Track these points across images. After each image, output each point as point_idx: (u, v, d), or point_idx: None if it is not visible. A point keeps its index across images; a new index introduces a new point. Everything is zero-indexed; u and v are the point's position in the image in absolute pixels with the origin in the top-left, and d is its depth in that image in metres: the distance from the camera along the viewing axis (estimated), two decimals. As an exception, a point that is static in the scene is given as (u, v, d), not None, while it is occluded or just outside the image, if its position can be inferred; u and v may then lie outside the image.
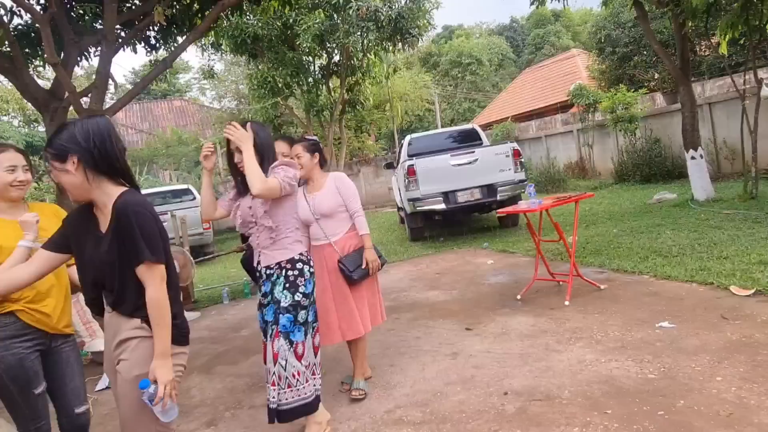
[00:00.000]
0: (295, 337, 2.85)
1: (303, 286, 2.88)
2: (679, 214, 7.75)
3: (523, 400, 3.04)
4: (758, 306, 3.85)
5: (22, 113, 20.38)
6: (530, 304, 4.83)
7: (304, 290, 2.88)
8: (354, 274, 3.31)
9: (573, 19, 40.77)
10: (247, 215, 2.91)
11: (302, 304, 2.87)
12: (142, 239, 1.83)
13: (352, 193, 3.43)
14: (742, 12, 7.42)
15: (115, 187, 1.93)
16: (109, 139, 1.90)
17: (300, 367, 2.84)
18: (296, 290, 2.86)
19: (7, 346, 2.20)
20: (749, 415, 2.53)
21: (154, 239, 1.87)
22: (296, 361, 2.84)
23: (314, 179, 3.44)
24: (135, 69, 36.24)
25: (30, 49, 6.39)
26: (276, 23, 13.57)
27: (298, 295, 2.86)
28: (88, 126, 1.89)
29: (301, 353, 2.86)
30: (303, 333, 2.87)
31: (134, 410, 1.90)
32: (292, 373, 2.82)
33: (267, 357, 2.91)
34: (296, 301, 2.85)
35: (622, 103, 12.71)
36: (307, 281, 2.90)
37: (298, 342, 2.85)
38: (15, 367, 2.21)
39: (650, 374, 3.10)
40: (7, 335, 2.21)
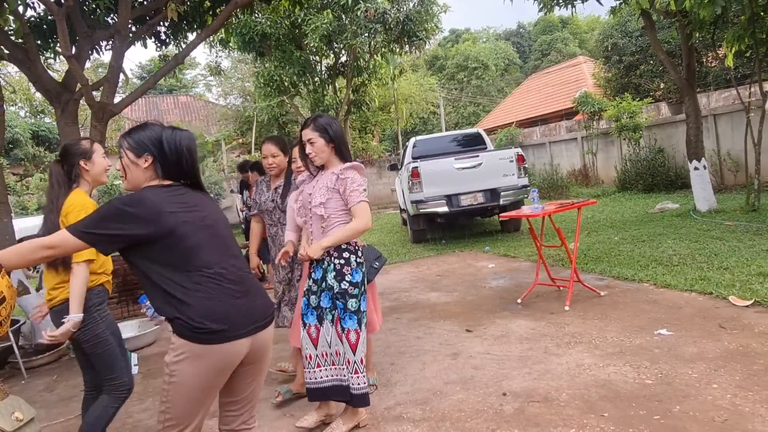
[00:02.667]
0: (347, 324, 2.92)
1: (349, 275, 2.92)
2: (680, 224, 7.80)
3: (521, 401, 3.09)
4: (756, 317, 3.90)
5: (29, 104, 20.45)
6: (530, 308, 4.88)
7: (351, 279, 2.92)
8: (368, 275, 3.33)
9: (580, 26, 40.82)
10: (306, 201, 3.03)
11: (350, 293, 2.91)
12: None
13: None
14: (748, 25, 7.47)
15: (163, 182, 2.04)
16: (189, 155, 2.03)
17: (351, 356, 2.90)
18: (343, 279, 2.92)
19: (104, 309, 2.75)
20: (743, 422, 2.58)
21: (91, 217, 1.89)
22: (349, 348, 2.91)
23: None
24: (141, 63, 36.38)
25: (42, 41, 6.46)
26: (284, 22, 13.66)
27: (344, 283, 2.92)
28: (179, 138, 2.02)
29: (355, 341, 2.91)
30: (356, 321, 2.92)
31: None
32: (347, 359, 2.91)
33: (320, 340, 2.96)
34: (343, 289, 2.91)
35: (626, 112, 12.75)
36: (354, 270, 2.94)
37: (350, 329, 2.91)
38: (112, 323, 2.78)
39: (647, 380, 3.15)
40: (102, 300, 2.75)
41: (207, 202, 2.07)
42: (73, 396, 4.19)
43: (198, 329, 1.83)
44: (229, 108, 26.83)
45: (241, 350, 1.92)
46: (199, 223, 1.95)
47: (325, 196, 2.93)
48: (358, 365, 2.91)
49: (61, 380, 4.66)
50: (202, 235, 1.93)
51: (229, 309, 1.89)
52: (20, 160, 20.07)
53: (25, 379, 4.77)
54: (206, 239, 1.94)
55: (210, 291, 1.88)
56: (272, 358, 2.31)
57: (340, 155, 3.03)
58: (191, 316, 1.83)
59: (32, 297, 5.38)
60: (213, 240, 1.97)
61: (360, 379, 2.90)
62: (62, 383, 4.57)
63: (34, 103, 20.53)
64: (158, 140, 2.00)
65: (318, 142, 2.98)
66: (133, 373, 4.54)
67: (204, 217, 1.98)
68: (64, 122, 5.60)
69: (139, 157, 1.99)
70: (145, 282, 1.93)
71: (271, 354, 2.10)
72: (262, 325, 1.99)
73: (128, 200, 1.87)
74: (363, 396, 2.92)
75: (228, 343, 1.87)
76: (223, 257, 1.97)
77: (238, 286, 1.96)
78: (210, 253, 1.93)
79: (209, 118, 27.85)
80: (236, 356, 1.91)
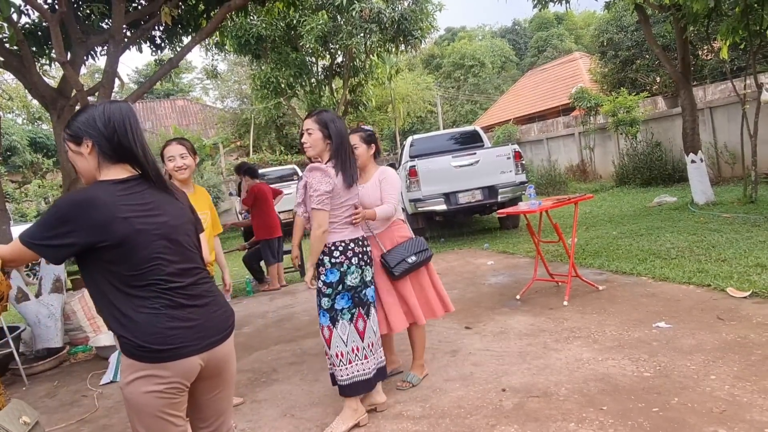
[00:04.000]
0: (321, 321, 3.06)
1: (323, 275, 3.01)
2: (678, 217, 7.81)
3: (521, 396, 3.10)
4: (754, 308, 3.91)
5: (26, 111, 20.47)
6: (529, 304, 4.89)
7: (324, 279, 3.01)
8: (395, 270, 3.32)
9: (576, 22, 40.82)
10: None
11: (323, 292, 3.02)
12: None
13: (391, 185, 3.42)
14: (742, 17, 7.49)
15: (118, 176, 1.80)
16: (129, 126, 1.80)
17: (326, 349, 3.06)
18: (318, 278, 3.05)
19: None
20: (741, 412, 2.58)
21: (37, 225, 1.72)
22: (324, 343, 3.06)
23: (367, 170, 3.48)
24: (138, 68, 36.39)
25: (36, 48, 6.47)
26: (280, 24, 13.67)
27: (319, 282, 3.05)
28: (109, 111, 1.80)
29: (327, 337, 3.03)
30: (328, 318, 3.02)
31: None
32: (324, 351, 3.09)
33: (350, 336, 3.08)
34: (318, 288, 3.05)
35: (623, 107, 12.77)
36: (328, 271, 2.99)
37: (323, 326, 3.04)
38: None
39: (646, 372, 3.16)
40: None
41: (168, 203, 1.85)
42: (75, 401, 4.20)
43: (142, 348, 1.69)
44: (227, 111, 26.88)
45: (192, 367, 1.78)
46: (155, 231, 1.75)
47: (301, 196, 3.04)
48: (333, 359, 3.03)
49: (61, 386, 4.67)
50: (157, 245, 1.75)
51: (178, 326, 1.74)
52: (18, 168, 20.09)
53: (26, 385, 4.78)
54: (162, 249, 1.76)
55: (158, 308, 1.72)
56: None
57: (336, 155, 3.02)
58: (136, 334, 1.69)
59: (32, 304, 5.39)
60: (170, 249, 1.78)
61: (337, 371, 3.02)
62: (63, 389, 4.58)
63: (31, 110, 20.55)
64: (93, 120, 1.78)
65: (315, 135, 3.02)
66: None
67: (162, 223, 1.78)
68: (61, 128, 5.60)
69: (80, 145, 1.79)
70: (94, 292, 1.78)
71: (233, 367, 1.97)
72: (217, 340, 1.85)
73: (76, 201, 1.69)
74: (343, 387, 3.03)
75: (177, 361, 1.73)
76: (180, 268, 1.80)
77: (194, 300, 1.81)
78: (165, 264, 1.76)
79: (207, 122, 27.86)
80: (188, 373, 1.77)
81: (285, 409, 3.44)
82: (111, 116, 1.78)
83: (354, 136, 3.42)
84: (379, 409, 3.18)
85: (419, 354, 3.59)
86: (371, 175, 3.47)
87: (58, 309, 5.45)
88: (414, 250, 3.44)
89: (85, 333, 5.73)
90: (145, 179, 1.82)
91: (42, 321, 5.32)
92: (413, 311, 3.44)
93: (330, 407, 3.31)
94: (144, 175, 1.82)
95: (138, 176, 1.81)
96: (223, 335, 1.88)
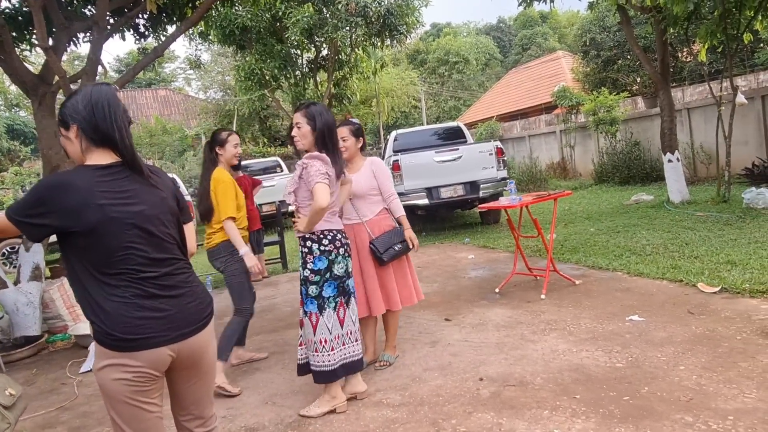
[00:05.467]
0: (308, 308, 3.10)
1: (311, 263, 3.06)
2: (654, 215, 7.99)
3: (498, 385, 3.19)
4: (723, 302, 4.05)
5: (4, 97, 20.06)
6: (508, 297, 4.99)
7: (312, 267, 3.06)
8: (384, 256, 3.49)
9: (560, 21, 41.20)
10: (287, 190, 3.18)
11: (310, 279, 3.07)
12: None
13: (387, 176, 3.63)
14: (720, 21, 7.66)
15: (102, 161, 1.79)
16: (107, 108, 1.78)
17: (311, 336, 3.09)
18: (305, 266, 3.09)
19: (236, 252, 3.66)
20: (707, 400, 2.70)
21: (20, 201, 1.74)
22: (310, 330, 3.09)
23: (354, 161, 3.63)
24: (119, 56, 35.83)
25: (17, 33, 6.38)
26: (265, 15, 13.58)
27: (306, 270, 3.08)
28: (91, 94, 1.80)
29: (314, 323, 3.08)
30: (316, 306, 3.08)
31: None
32: (307, 339, 3.13)
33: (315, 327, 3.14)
34: (305, 276, 3.09)
35: (604, 106, 12.96)
36: (316, 258, 3.06)
37: (311, 312, 3.09)
38: (242, 263, 3.66)
39: (618, 363, 3.26)
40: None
41: (148, 192, 1.82)
42: (54, 389, 4.20)
43: (111, 336, 1.70)
44: (209, 102, 26.61)
45: (160, 358, 1.77)
46: (129, 220, 1.73)
47: (293, 185, 3.07)
48: (318, 345, 3.08)
49: (40, 373, 4.66)
50: (130, 234, 1.73)
51: (148, 316, 1.73)
52: (-6, 155, 19.71)
53: (3, 372, 4.75)
54: (135, 238, 1.74)
55: (129, 296, 1.72)
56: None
57: (323, 146, 3.10)
58: (106, 322, 1.70)
59: (10, 291, 5.35)
60: (143, 239, 1.76)
61: (318, 357, 3.08)
62: (42, 376, 4.57)
63: (8, 96, 20.14)
64: (77, 104, 1.78)
65: (304, 128, 3.09)
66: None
67: (137, 213, 1.76)
68: (41, 115, 5.56)
69: (68, 129, 1.80)
70: (71, 277, 1.78)
71: (211, 357, 1.96)
72: (189, 332, 1.83)
73: (51, 183, 1.70)
74: (321, 373, 3.09)
75: (144, 351, 1.73)
76: (152, 258, 1.78)
77: (167, 290, 1.79)
78: (137, 254, 1.74)
79: (189, 112, 27.58)
80: (157, 363, 1.76)
81: (266, 397, 3.48)
82: (92, 99, 1.78)
83: (343, 129, 3.56)
84: (359, 397, 3.25)
85: (392, 337, 3.82)
86: (360, 166, 3.62)
87: (36, 297, 5.41)
88: (399, 238, 3.61)
89: (64, 321, 5.70)
90: (128, 166, 1.80)
91: (20, 309, 5.28)
92: (391, 297, 3.62)
93: (311, 395, 3.36)
94: (126, 162, 1.80)
95: (120, 163, 1.79)
96: (197, 327, 1.86)
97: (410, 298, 3.73)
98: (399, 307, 3.65)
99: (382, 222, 3.62)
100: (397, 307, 3.64)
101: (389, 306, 3.63)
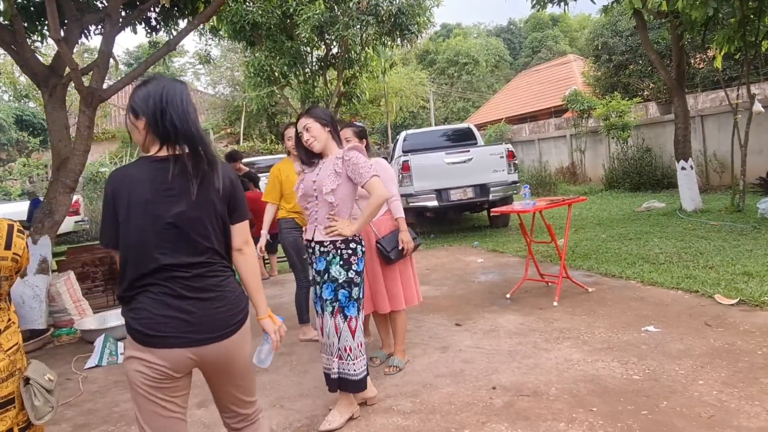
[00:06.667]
0: (350, 312, 2.99)
1: (356, 265, 2.99)
2: (666, 223, 7.89)
3: (511, 394, 3.11)
4: (741, 315, 3.96)
5: (14, 88, 20.09)
6: (519, 303, 4.91)
7: (356, 268, 2.99)
8: (391, 254, 3.50)
9: (571, 24, 40.95)
10: (310, 189, 3.02)
11: (355, 281, 2.99)
12: None
13: (389, 177, 3.58)
14: (739, 27, 7.56)
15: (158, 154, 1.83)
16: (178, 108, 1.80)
17: (352, 343, 2.98)
18: (350, 268, 2.97)
19: (290, 232, 4.37)
20: (729, 417, 2.62)
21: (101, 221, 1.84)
22: (350, 335, 2.98)
23: None
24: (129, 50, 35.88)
25: (28, 24, 6.33)
26: (276, 12, 13.51)
27: (351, 272, 2.98)
28: (163, 91, 1.80)
29: (354, 327, 2.99)
30: (356, 309, 3.01)
31: None
32: (344, 347, 2.98)
33: (324, 331, 3.02)
34: (350, 278, 2.97)
35: (615, 111, 12.86)
36: (359, 260, 3.00)
37: (352, 317, 2.99)
38: (293, 241, 4.35)
39: (635, 375, 3.18)
40: (291, 227, 4.38)
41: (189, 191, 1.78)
42: (59, 384, 4.14)
43: (135, 330, 1.75)
44: (218, 97, 26.61)
45: (179, 359, 1.76)
46: (168, 220, 1.75)
47: (335, 182, 2.93)
48: (357, 351, 2.99)
49: (45, 368, 4.60)
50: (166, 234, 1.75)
51: (171, 316, 1.74)
52: (3, 146, 19.74)
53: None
54: (171, 237, 1.75)
55: (158, 294, 1.75)
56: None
57: (338, 141, 3.09)
58: (133, 315, 1.75)
59: (16, 284, 5.29)
60: (180, 239, 1.76)
61: (357, 364, 2.98)
62: (47, 371, 4.51)
63: (18, 87, 20.17)
64: (147, 97, 1.80)
65: (315, 126, 3.00)
66: (119, 362, 4.51)
67: (177, 213, 1.75)
68: (52, 106, 5.51)
69: (137, 119, 1.82)
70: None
71: (243, 361, 1.92)
72: (213, 338, 1.80)
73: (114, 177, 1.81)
74: (359, 382, 2.99)
75: (163, 349, 1.74)
76: (186, 261, 1.77)
77: (196, 292, 1.78)
78: (170, 253, 1.75)
79: (198, 107, 27.35)
80: (176, 364, 1.76)
81: (274, 400, 3.42)
82: (165, 98, 1.79)
83: (347, 130, 3.55)
84: (369, 403, 3.18)
85: (401, 340, 3.74)
86: None
87: (43, 290, 5.37)
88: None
89: (70, 316, 5.65)
90: (181, 162, 1.79)
91: (26, 302, 5.24)
92: (395, 297, 3.60)
93: (319, 399, 3.30)
94: (180, 157, 1.79)
95: (174, 157, 1.80)
96: (223, 333, 1.82)
97: (412, 299, 3.73)
98: (403, 306, 3.64)
99: (387, 222, 3.64)
100: (401, 306, 3.62)
101: (393, 306, 3.60)
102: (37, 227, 5.41)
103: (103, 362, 4.49)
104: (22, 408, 1.78)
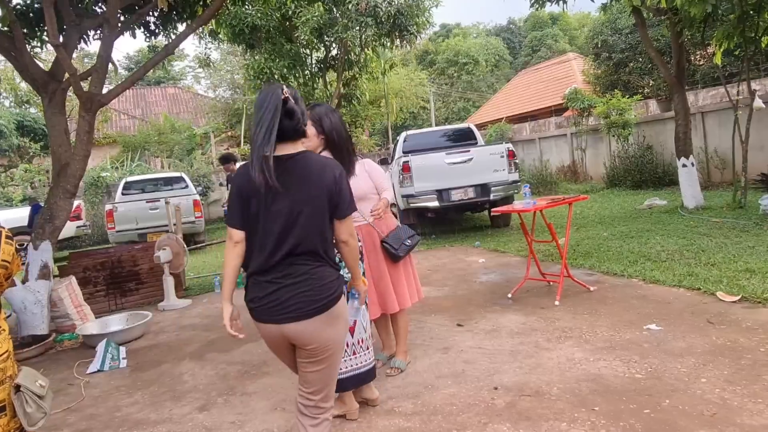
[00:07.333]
0: None
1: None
2: (668, 221, 7.87)
3: (513, 395, 3.11)
4: (743, 312, 3.95)
5: (14, 94, 20.13)
6: (521, 303, 4.90)
7: None
8: (399, 251, 3.53)
9: (570, 23, 40.94)
10: None
11: None
12: None
13: (381, 174, 3.61)
14: (738, 23, 7.53)
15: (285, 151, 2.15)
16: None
17: (349, 339, 3.03)
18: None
19: None
20: (732, 415, 2.60)
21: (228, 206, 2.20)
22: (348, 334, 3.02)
23: None
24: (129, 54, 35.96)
25: (28, 30, 6.35)
26: (275, 14, 13.53)
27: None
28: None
29: (353, 327, 3.04)
30: None
31: None
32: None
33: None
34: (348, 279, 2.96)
35: (616, 109, 12.83)
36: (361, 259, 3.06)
37: None
38: None
39: (637, 374, 3.17)
40: None
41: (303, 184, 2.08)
42: (61, 389, 4.15)
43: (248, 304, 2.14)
44: (218, 100, 26.63)
45: (270, 333, 2.12)
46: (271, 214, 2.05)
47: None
48: (356, 346, 3.06)
49: (47, 374, 4.56)
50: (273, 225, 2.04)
51: (263, 295, 2.06)
52: (4, 151, 19.79)
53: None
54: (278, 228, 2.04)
55: (260, 274, 2.08)
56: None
57: (334, 149, 3.08)
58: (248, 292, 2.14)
59: (18, 290, 5.31)
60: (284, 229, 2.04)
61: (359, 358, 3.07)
62: (49, 377, 4.45)
63: (19, 93, 20.21)
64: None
65: (309, 130, 2.99)
66: (121, 366, 4.52)
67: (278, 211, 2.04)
68: (51, 112, 5.52)
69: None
70: None
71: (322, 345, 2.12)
72: (293, 317, 2.05)
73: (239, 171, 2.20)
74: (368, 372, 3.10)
75: (258, 323, 2.12)
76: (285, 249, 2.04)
77: (288, 279, 2.05)
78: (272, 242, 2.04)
79: (198, 110, 27.60)
80: (267, 336, 2.15)
81: (275, 403, 3.42)
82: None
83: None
84: (370, 404, 3.18)
85: (403, 341, 3.75)
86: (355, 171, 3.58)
87: (44, 296, 5.37)
88: (407, 234, 3.65)
89: (72, 321, 5.65)
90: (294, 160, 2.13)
91: (28, 307, 5.24)
92: (401, 296, 3.61)
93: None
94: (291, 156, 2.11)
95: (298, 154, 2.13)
96: (303, 313, 2.04)
97: (414, 297, 3.76)
98: (409, 304, 3.67)
99: (388, 221, 3.66)
100: (408, 304, 3.65)
101: (401, 304, 3.62)
102: (37, 233, 5.42)
103: (104, 367, 4.50)
104: (14, 415, 1.80)
